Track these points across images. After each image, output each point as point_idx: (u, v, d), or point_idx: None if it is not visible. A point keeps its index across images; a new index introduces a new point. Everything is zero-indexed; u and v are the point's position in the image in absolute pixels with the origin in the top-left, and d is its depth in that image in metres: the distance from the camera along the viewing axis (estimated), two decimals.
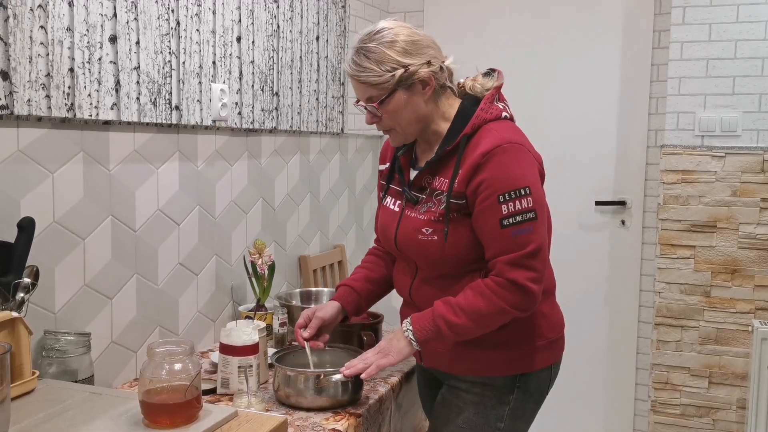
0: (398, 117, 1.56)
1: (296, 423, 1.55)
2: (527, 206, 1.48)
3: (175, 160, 2.01)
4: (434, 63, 1.54)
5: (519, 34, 3.31)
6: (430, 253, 1.57)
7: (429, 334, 1.54)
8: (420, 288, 1.65)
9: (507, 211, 1.47)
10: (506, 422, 1.61)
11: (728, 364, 2.88)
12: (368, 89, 1.54)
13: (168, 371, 1.24)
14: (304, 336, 1.72)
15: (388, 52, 1.51)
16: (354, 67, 1.54)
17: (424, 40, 1.55)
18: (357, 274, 1.85)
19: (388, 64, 1.51)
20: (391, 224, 1.67)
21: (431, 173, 1.59)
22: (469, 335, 1.54)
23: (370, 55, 1.52)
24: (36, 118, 1.55)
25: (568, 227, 3.23)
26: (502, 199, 1.47)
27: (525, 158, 1.52)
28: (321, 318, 1.73)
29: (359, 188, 3.28)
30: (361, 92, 1.57)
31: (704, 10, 2.81)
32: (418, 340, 1.55)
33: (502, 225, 1.47)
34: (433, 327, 1.53)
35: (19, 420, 1.23)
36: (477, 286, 1.52)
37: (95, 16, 1.67)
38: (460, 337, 1.54)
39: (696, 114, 2.86)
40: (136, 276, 1.87)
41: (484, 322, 1.52)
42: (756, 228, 2.80)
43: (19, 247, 1.41)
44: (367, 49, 1.52)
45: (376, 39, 1.52)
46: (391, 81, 1.51)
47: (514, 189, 1.47)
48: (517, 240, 1.47)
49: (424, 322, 1.54)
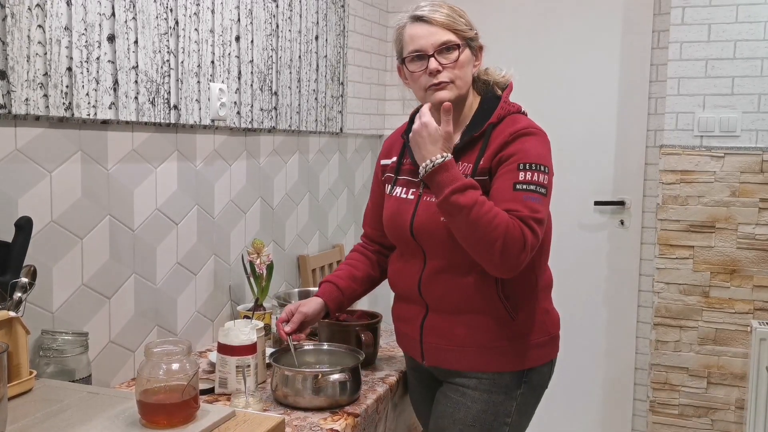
0: (463, 70, 1.61)
1: (294, 423, 1.55)
2: (542, 181, 1.52)
3: (174, 159, 2.01)
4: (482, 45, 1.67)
5: (518, 33, 3.31)
6: (452, 236, 1.54)
7: (439, 179, 1.48)
8: (430, 280, 1.63)
9: (523, 178, 1.51)
10: (513, 417, 1.62)
11: (727, 364, 2.88)
12: (447, 33, 1.59)
13: (165, 371, 1.24)
14: (286, 330, 1.72)
15: (464, 13, 1.63)
16: (437, 9, 1.60)
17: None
18: (342, 271, 1.85)
19: (466, 18, 1.63)
20: (405, 213, 1.66)
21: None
22: (455, 221, 1.48)
23: (454, 8, 1.62)
24: (34, 117, 1.55)
25: (567, 227, 3.23)
26: (521, 167, 1.52)
27: (547, 146, 1.60)
28: (304, 313, 1.74)
29: (358, 188, 3.28)
30: (437, 36, 1.58)
31: (704, 10, 2.81)
32: (432, 170, 1.48)
33: (515, 187, 1.51)
34: (449, 182, 1.46)
35: (17, 420, 1.23)
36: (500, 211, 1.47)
37: (93, 15, 1.67)
38: (450, 217, 1.48)
39: (695, 114, 2.86)
40: (134, 275, 1.87)
41: (477, 231, 1.45)
42: (755, 228, 2.80)
43: (16, 247, 1.41)
44: (447, 4, 1.62)
45: (446, 4, 1.62)
46: (469, 33, 1.61)
47: (536, 162, 1.53)
48: (527, 203, 1.50)
49: (449, 174, 1.47)
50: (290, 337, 1.73)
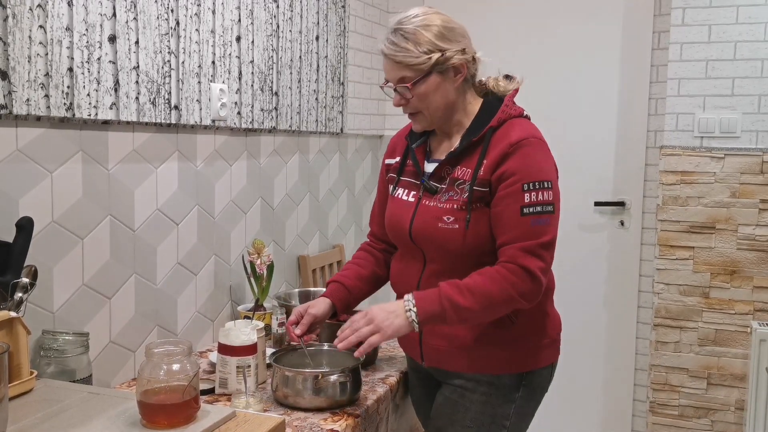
0: (428, 101, 1.57)
1: (294, 423, 1.55)
2: (548, 199, 1.51)
3: (174, 159, 2.01)
4: (468, 52, 1.58)
5: (519, 34, 3.31)
6: (449, 242, 1.56)
7: (432, 315, 1.50)
8: (429, 282, 1.63)
9: (529, 200, 1.49)
10: (512, 420, 1.62)
11: (727, 365, 2.88)
12: (402, 69, 1.55)
13: (166, 371, 1.24)
14: (296, 333, 1.72)
15: (426, 35, 1.53)
16: (391, 47, 1.55)
17: (459, 28, 1.59)
18: (348, 270, 1.84)
19: (425, 46, 1.53)
20: (404, 215, 1.66)
21: (452, 164, 1.60)
22: (471, 320, 1.52)
23: (408, 36, 1.53)
24: (35, 117, 1.55)
25: (567, 228, 3.22)
26: (526, 188, 1.50)
27: (548, 155, 1.58)
28: (313, 315, 1.74)
29: (358, 188, 3.28)
30: (394, 73, 1.57)
31: (704, 11, 2.81)
32: (420, 321, 1.50)
33: (523, 212, 1.49)
34: (439, 308, 1.49)
35: (17, 420, 1.23)
36: (487, 272, 1.50)
37: (94, 15, 1.67)
38: (462, 322, 1.52)
39: (695, 115, 2.86)
40: (134, 276, 1.87)
41: (491, 308, 1.50)
42: (755, 229, 2.80)
43: (17, 247, 1.41)
44: (405, 30, 1.54)
45: (415, 21, 1.54)
46: (426, 63, 1.53)
47: (539, 180, 1.51)
48: (534, 229, 1.49)
49: (429, 304, 1.50)
50: (302, 339, 1.72)
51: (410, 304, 1.51)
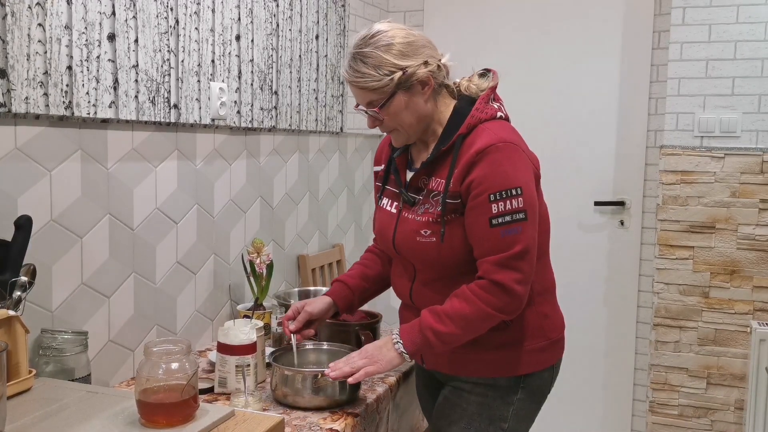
0: (400, 119, 1.56)
1: (294, 422, 1.55)
2: (518, 206, 1.47)
3: (174, 158, 2.00)
4: (431, 62, 1.54)
5: (519, 33, 3.30)
6: (427, 255, 1.57)
7: (418, 345, 1.54)
8: (420, 291, 1.65)
9: (497, 211, 1.46)
10: (510, 423, 1.61)
11: (726, 365, 2.88)
12: (368, 94, 1.53)
13: (165, 370, 1.24)
14: (290, 329, 1.73)
15: (385, 56, 1.50)
16: (352, 74, 1.53)
17: (419, 40, 1.54)
18: (354, 270, 1.85)
19: (385, 68, 1.50)
20: (388, 226, 1.67)
21: (427, 174, 1.59)
22: (458, 342, 1.54)
23: (367, 60, 1.51)
24: (34, 116, 1.54)
25: (567, 227, 3.23)
26: (492, 198, 1.46)
27: (519, 158, 1.51)
28: (309, 312, 1.75)
29: (358, 187, 3.28)
30: (361, 97, 1.56)
31: (704, 10, 2.80)
32: (409, 352, 1.55)
33: (491, 224, 1.47)
34: (422, 338, 1.53)
35: (16, 419, 1.23)
36: (462, 292, 1.51)
37: (94, 14, 1.67)
38: (449, 345, 1.54)
39: (695, 115, 2.86)
40: (133, 275, 1.87)
41: (471, 328, 1.51)
42: (755, 229, 2.80)
43: (16, 245, 1.41)
44: (363, 54, 1.51)
45: (372, 43, 1.51)
46: (390, 84, 1.50)
47: (506, 189, 1.46)
48: (505, 240, 1.47)
49: (412, 335, 1.54)
50: (294, 336, 1.73)
51: (397, 337, 1.56)
